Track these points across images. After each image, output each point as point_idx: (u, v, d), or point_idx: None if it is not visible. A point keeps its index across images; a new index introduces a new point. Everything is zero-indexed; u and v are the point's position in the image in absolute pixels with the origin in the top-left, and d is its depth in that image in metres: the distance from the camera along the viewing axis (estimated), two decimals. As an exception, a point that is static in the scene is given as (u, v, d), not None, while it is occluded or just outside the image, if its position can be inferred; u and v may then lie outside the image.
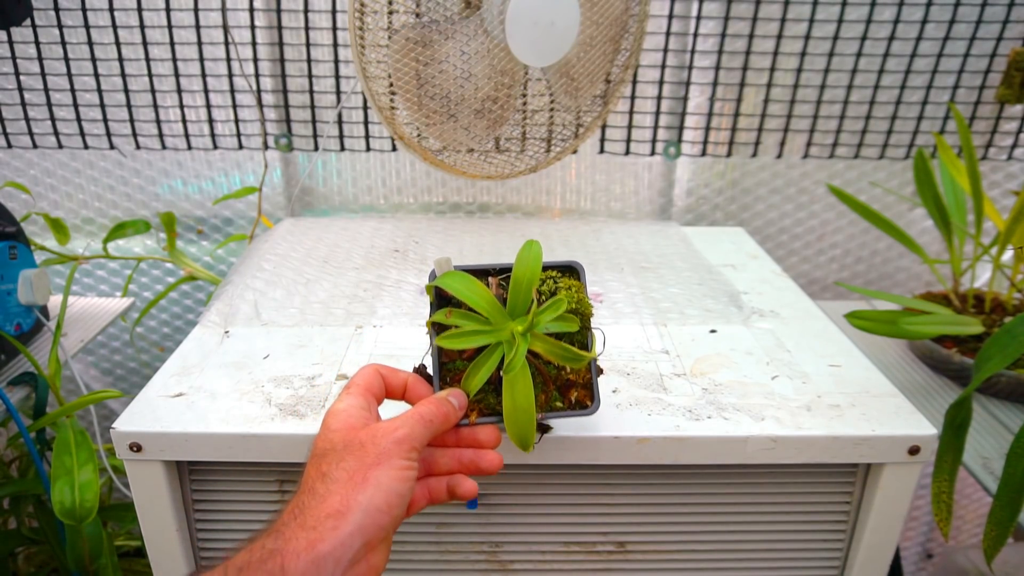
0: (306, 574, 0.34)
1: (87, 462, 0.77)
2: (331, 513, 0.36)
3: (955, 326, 0.72)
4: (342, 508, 0.36)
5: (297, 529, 0.36)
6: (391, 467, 0.39)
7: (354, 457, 0.39)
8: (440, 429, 0.43)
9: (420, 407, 0.42)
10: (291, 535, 0.35)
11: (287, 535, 0.36)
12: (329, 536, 0.35)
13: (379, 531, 0.37)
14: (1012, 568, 0.87)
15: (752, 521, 0.62)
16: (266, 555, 0.35)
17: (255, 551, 0.35)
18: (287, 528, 0.36)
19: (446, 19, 0.76)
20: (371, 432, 0.40)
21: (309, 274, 0.82)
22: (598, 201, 1.12)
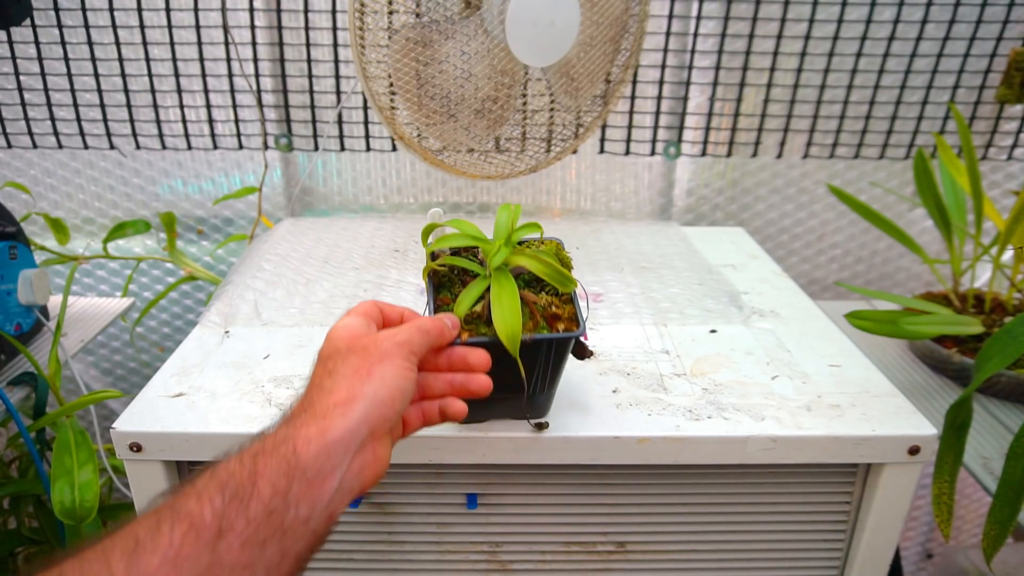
0: (318, 458, 0.36)
1: (87, 462, 0.77)
2: (339, 402, 0.38)
3: (955, 326, 0.72)
4: (349, 398, 0.39)
5: (308, 419, 0.38)
6: (393, 364, 0.41)
7: (358, 357, 0.41)
8: (436, 342, 0.45)
9: (418, 320, 0.46)
10: (302, 424, 0.37)
11: (298, 424, 0.38)
12: (338, 423, 0.38)
13: (383, 422, 0.40)
14: (1012, 568, 0.87)
15: (752, 521, 0.62)
16: (279, 441, 0.36)
17: (268, 440, 0.37)
18: (298, 418, 0.38)
19: (446, 19, 0.76)
20: (373, 337, 0.43)
21: (309, 274, 0.82)
22: (598, 201, 1.12)
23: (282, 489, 0.35)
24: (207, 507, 0.33)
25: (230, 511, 0.33)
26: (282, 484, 0.35)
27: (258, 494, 0.34)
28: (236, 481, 0.34)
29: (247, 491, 0.34)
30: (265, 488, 0.34)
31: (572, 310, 0.52)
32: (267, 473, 0.35)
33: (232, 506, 0.33)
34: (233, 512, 0.33)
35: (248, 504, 0.33)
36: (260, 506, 0.34)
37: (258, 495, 0.34)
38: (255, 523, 0.33)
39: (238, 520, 0.33)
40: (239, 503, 0.33)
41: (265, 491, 0.34)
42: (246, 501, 0.34)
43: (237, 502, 0.33)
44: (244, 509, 0.33)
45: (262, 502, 0.34)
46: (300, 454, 0.36)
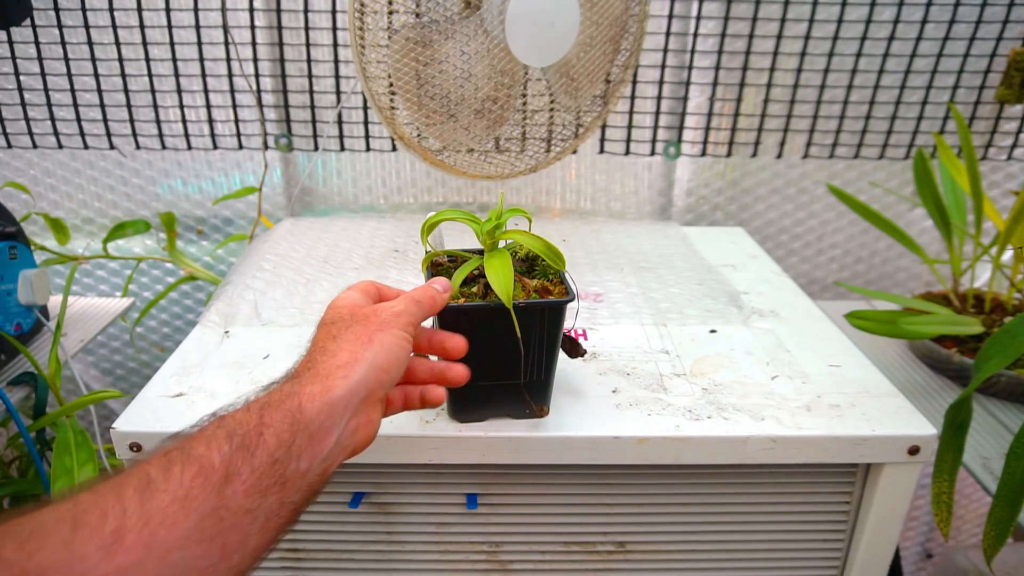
0: (320, 414, 0.38)
1: (87, 462, 0.77)
2: (341, 364, 0.41)
3: (955, 326, 0.72)
4: (351, 361, 0.41)
5: (311, 377, 0.40)
6: (392, 334, 0.44)
7: (360, 325, 0.44)
8: (429, 310, 0.48)
9: (411, 292, 0.48)
10: (306, 381, 0.40)
11: (303, 381, 0.40)
12: (340, 383, 0.40)
13: (379, 387, 0.42)
14: (1012, 568, 0.87)
15: (752, 521, 0.62)
16: (284, 396, 0.38)
17: (274, 394, 0.39)
18: (302, 376, 0.40)
19: (446, 19, 0.76)
20: (374, 308, 0.46)
21: (309, 274, 0.82)
22: (598, 201, 1.12)
23: (286, 441, 0.37)
24: (216, 453, 0.34)
25: (237, 458, 0.34)
26: (286, 437, 0.37)
27: (264, 444, 0.36)
28: (244, 430, 0.36)
29: (254, 441, 0.35)
30: (271, 439, 0.36)
31: (563, 289, 0.54)
32: (273, 425, 0.37)
33: (239, 454, 0.35)
34: (240, 460, 0.34)
35: (254, 453, 0.35)
36: (265, 456, 0.35)
37: (264, 445, 0.36)
38: (259, 471, 0.35)
39: (244, 467, 0.34)
40: (246, 452, 0.35)
41: (270, 442, 0.36)
42: (252, 450, 0.35)
43: (244, 451, 0.35)
44: (250, 457, 0.35)
45: (267, 452, 0.36)
46: (304, 409, 0.38)
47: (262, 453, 0.35)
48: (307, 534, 0.62)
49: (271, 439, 0.36)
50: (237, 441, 0.35)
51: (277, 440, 0.36)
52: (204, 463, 0.33)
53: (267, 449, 0.36)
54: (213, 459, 0.34)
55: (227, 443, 0.35)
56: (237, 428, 0.36)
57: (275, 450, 0.36)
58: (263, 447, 0.35)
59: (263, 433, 0.36)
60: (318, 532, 0.62)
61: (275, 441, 0.36)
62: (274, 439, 0.36)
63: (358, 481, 0.60)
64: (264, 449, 0.35)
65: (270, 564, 0.63)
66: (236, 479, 0.34)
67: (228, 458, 0.34)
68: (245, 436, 0.35)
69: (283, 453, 0.36)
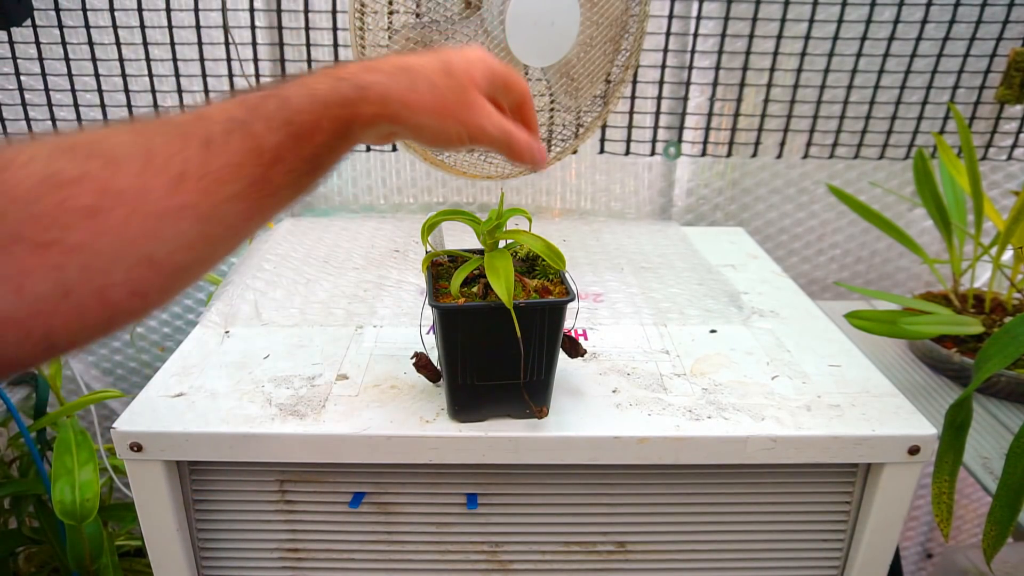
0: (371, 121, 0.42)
1: (88, 462, 0.77)
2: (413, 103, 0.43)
3: (955, 326, 0.72)
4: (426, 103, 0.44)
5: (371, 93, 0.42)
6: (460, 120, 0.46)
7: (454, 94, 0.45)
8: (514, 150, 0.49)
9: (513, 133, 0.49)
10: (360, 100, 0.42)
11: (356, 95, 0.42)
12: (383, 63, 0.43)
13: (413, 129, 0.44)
14: (1012, 568, 0.87)
15: (752, 521, 0.62)
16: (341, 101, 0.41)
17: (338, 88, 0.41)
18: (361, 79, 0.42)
19: (446, 19, 0.76)
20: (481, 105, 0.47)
21: (309, 274, 0.82)
22: (598, 201, 1.12)
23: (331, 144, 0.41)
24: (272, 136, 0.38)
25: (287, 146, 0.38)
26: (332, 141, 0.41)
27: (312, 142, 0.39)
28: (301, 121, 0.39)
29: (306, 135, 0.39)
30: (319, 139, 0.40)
31: (563, 289, 0.54)
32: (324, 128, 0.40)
33: (290, 143, 0.38)
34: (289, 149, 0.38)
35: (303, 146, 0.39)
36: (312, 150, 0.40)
37: (312, 142, 0.39)
38: (305, 159, 0.39)
39: (291, 156, 0.39)
40: (297, 143, 0.39)
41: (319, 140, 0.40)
42: (303, 143, 0.39)
43: (296, 141, 0.39)
44: (300, 149, 0.39)
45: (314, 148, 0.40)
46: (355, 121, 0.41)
47: (310, 148, 0.39)
48: (307, 534, 0.62)
49: (320, 139, 0.40)
50: (292, 130, 0.38)
51: (325, 141, 0.40)
52: (260, 143, 0.37)
53: (315, 145, 0.40)
54: (268, 142, 0.37)
55: (283, 130, 0.38)
56: (296, 117, 0.39)
57: (320, 147, 0.40)
58: (312, 144, 0.39)
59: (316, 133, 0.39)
60: (318, 532, 0.62)
61: (322, 140, 0.40)
62: (322, 140, 0.40)
63: (358, 481, 0.60)
64: (312, 145, 0.39)
65: (270, 564, 0.63)
66: (283, 163, 0.38)
67: (281, 144, 0.38)
68: (300, 129, 0.39)
69: (325, 151, 0.40)
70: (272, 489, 0.60)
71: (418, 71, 0.44)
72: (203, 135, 0.36)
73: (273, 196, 0.39)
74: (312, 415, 0.57)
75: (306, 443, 0.56)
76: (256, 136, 0.37)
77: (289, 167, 0.39)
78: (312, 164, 0.40)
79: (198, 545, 0.62)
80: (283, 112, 0.39)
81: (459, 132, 0.45)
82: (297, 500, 0.60)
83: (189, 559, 0.61)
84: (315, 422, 0.56)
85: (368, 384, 0.61)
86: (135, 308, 0.34)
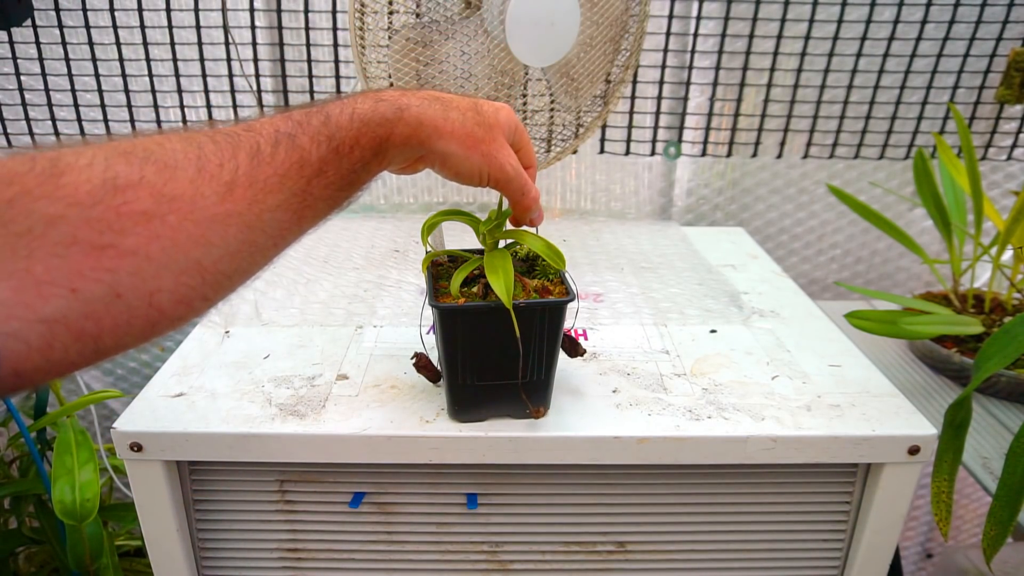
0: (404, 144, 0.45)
1: (88, 462, 0.77)
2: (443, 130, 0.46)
3: (955, 326, 0.72)
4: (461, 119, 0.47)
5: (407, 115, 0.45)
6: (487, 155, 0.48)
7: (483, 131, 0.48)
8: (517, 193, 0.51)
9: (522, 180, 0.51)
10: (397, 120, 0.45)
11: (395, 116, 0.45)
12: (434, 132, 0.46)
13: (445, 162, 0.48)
14: (1011, 568, 0.87)
15: (752, 521, 0.62)
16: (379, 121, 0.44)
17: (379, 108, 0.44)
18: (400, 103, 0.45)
19: (446, 19, 0.76)
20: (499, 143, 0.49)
21: (309, 274, 0.82)
22: (598, 201, 1.12)
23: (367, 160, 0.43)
24: (316, 150, 0.40)
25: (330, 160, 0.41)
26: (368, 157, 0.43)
27: (351, 157, 0.42)
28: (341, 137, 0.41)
29: (346, 151, 0.41)
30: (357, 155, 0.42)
31: (563, 289, 0.54)
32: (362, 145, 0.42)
33: (332, 157, 0.41)
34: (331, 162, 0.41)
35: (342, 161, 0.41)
36: (349, 165, 0.42)
37: (351, 157, 0.42)
38: (342, 175, 0.41)
39: (332, 169, 0.41)
40: (338, 158, 0.41)
41: (356, 156, 0.42)
42: (343, 158, 0.41)
43: (336, 156, 0.41)
44: (339, 163, 0.41)
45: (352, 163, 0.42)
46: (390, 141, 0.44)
47: (348, 163, 0.42)
48: (307, 534, 0.62)
49: (358, 155, 0.42)
50: (334, 145, 0.41)
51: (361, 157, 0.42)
52: (305, 155, 0.39)
53: (352, 161, 0.42)
54: (312, 155, 0.40)
55: (326, 144, 0.40)
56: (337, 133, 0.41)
57: (357, 163, 0.42)
58: (350, 159, 0.42)
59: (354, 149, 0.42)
60: (318, 532, 0.62)
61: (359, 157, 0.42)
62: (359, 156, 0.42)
63: (358, 481, 0.60)
64: (350, 160, 0.42)
65: (270, 564, 0.63)
66: (324, 176, 0.40)
67: (323, 157, 0.40)
68: (340, 145, 0.41)
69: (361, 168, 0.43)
70: (272, 489, 0.60)
71: (450, 103, 0.46)
72: (252, 145, 0.37)
73: (312, 208, 0.40)
74: (312, 415, 0.57)
75: (306, 443, 0.56)
76: (302, 148, 0.39)
77: (329, 181, 0.41)
78: (348, 179, 0.42)
79: (198, 545, 0.62)
80: (327, 128, 0.41)
81: (481, 166, 0.47)
82: (297, 500, 0.60)
83: (189, 559, 0.61)
84: (315, 422, 0.56)
85: (368, 384, 0.62)
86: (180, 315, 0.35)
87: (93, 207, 0.31)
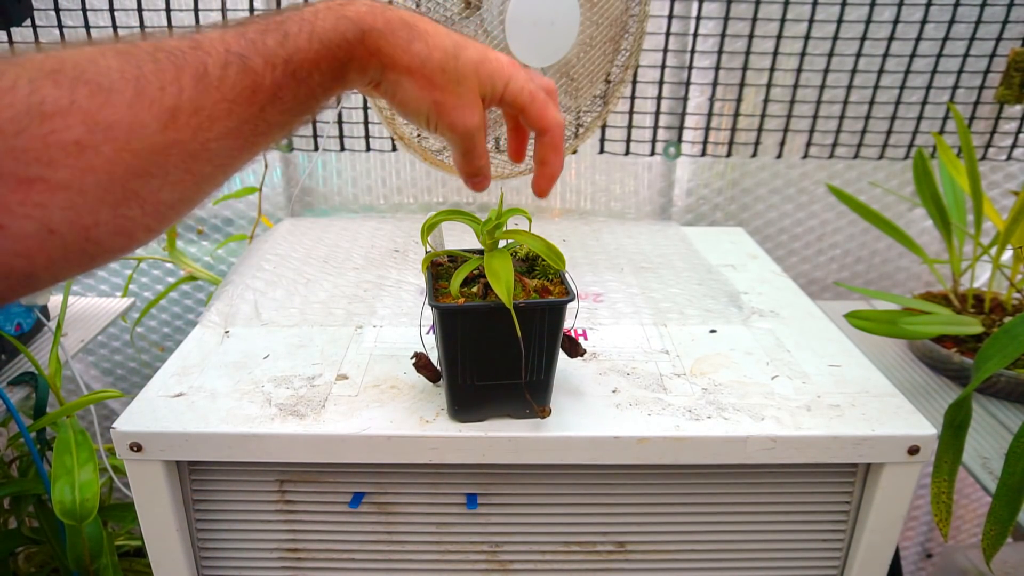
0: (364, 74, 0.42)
1: (87, 462, 0.77)
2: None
3: (955, 326, 0.72)
4: None
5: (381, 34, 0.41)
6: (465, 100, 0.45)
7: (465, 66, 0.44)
8: None
9: None
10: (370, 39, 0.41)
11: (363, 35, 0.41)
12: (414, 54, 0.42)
13: None
14: (1011, 568, 0.87)
15: (752, 521, 0.62)
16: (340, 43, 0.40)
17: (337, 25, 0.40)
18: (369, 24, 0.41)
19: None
20: None
21: (309, 274, 0.82)
22: (598, 201, 1.12)
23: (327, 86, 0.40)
24: (270, 74, 0.36)
25: (286, 85, 0.37)
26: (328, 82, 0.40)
27: (308, 82, 0.38)
28: (300, 59, 0.37)
29: (304, 75, 0.38)
30: (316, 79, 0.39)
31: (563, 289, 0.54)
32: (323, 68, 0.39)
33: (289, 82, 0.37)
34: (288, 87, 0.37)
35: (300, 86, 0.38)
36: (308, 90, 0.38)
37: (308, 82, 0.38)
38: (300, 99, 0.38)
39: (288, 94, 0.37)
40: (295, 82, 0.37)
41: (315, 81, 0.39)
42: (300, 82, 0.38)
43: (294, 80, 0.37)
44: (297, 88, 0.38)
45: (310, 88, 0.38)
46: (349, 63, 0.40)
47: (306, 88, 0.38)
48: (307, 534, 0.62)
49: (316, 79, 0.38)
50: (291, 69, 0.37)
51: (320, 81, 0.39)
52: (257, 80, 0.35)
53: (311, 85, 0.38)
54: (266, 80, 0.36)
55: (282, 68, 0.37)
56: (295, 55, 0.37)
57: (316, 87, 0.39)
58: (308, 84, 0.38)
59: (313, 73, 0.38)
60: (318, 532, 0.62)
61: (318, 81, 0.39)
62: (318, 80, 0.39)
63: (358, 481, 0.60)
64: (308, 85, 0.38)
65: (270, 564, 0.63)
66: (279, 102, 0.37)
67: (279, 82, 0.36)
68: (298, 69, 0.37)
69: (320, 91, 0.39)
70: (272, 489, 0.60)
71: (423, 34, 0.42)
72: (198, 66, 0.34)
73: (265, 135, 0.37)
74: (312, 415, 0.57)
75: (306, 443, 0.56)
76: (254, 72, 0.36)
77: (285, 107, 0.37)
78: (306, 104, 0.39)
79: (198, 545, 0.62)
80: (283, 49, 0.37)
81: (429, 112, 0.44)
82: (297, 500, 0.60)
83: (189, 559, 0.61)
84: (315, 422, 0.56)
85: (368, 384, 0.62)
86: (119, 246, 0.33)
87: (17, 136, 0.28)
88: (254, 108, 0.36)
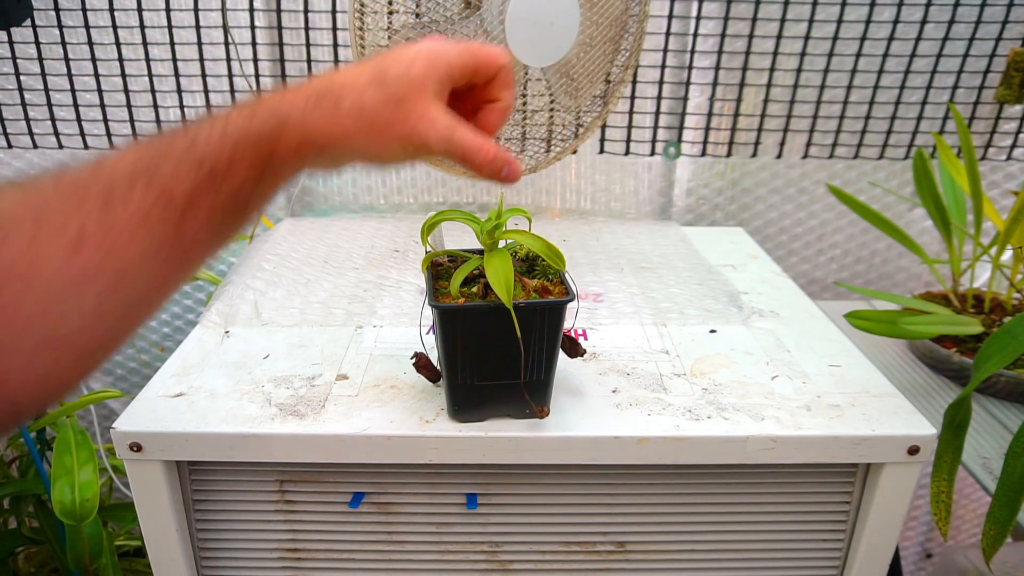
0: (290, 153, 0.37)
1: (87, 462, 0.77)
2: None
3: (955, 326, 0.72)
4: None
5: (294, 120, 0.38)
6: None
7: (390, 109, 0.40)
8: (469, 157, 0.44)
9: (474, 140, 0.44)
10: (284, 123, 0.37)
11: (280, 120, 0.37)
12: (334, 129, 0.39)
13: None
14: (1011, 567, 0.87)
15: (752, 521, 0.62)
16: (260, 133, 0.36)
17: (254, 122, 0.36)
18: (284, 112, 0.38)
19: (446, 19, 0.76)
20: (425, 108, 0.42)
21: (309, 274, 0.82)
22: (598, 201, 1.12)
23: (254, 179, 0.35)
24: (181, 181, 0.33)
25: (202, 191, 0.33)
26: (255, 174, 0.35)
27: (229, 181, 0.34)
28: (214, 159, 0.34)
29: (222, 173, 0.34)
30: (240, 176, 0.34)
31: (563, 289, 0.54)
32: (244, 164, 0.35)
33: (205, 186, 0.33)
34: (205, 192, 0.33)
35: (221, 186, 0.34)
36: (231, 190, 0.34)
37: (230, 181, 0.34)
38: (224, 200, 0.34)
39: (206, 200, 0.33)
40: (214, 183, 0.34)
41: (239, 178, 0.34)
42: (221, 182, 0.34)
43: (212, 181, 0.34)
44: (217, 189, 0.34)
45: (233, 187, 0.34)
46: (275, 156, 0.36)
47: (229, 188, 0.34)
48: (307, 534, 0.62)
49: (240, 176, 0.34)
50: (205, 170, 0.33)
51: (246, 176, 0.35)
52: (168, 188, 0.32)
53: (233, 184, 0.34)
54: (176, 188, 0.32)
55: (195, 172, 0.33)
56: (208, 157, 0.34)
57: (243, 184, 0.34)
58: (230, 183, 0.34)
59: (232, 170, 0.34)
60: (318, 532, 0.62)
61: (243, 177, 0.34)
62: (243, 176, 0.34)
63: (358, 481, 0.60)
64: (230, 184, 0.34)
65: (270, 564, 0.63)
66: (197, 209, 0.33)
67: (194, 187, 0.33)
68: (215, 168, 0.34)
69: (250, 188, 0.35)
70: (272, 489, 0.60)
71: (343, 92, 0.38)
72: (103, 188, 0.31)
73: (191, 249, 0.34)
74: (312, 415, 0.57)
75: (306, 443, 0.56)
76: (163, 181, 0.32)
77: (206, 214, 0.34)
78: (233, 207, 0.35)
79: (198, 545, 0.62)
80: (193, 153, 0.34)
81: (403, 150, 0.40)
82: (297, 500, 0.60)
83: (189, 559, 0.61)
84: (315, 422, 0.56)
85: (368, 384, 0.62)
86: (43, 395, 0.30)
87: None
88: (170, 221, 0.32)
